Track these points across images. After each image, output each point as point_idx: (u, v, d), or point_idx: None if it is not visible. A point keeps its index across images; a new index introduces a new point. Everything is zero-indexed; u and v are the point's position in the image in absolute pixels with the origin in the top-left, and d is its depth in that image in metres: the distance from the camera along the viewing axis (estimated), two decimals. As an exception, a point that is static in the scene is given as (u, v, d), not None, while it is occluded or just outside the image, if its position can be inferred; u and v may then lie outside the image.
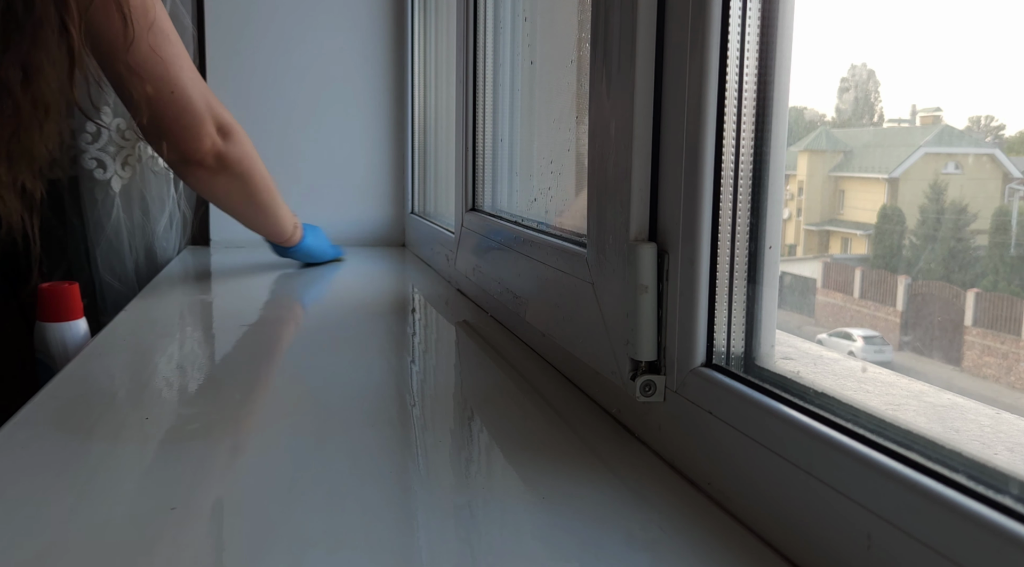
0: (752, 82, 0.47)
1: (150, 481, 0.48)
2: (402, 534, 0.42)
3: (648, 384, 0.52)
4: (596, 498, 0.46)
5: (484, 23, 0.99)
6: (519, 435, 0.57)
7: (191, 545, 0.41)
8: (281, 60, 1.55)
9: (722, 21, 0.46)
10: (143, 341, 0.85)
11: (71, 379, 0.70)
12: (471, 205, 1.02)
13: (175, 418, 0.60)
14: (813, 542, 0.38)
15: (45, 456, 0.52)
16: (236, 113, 1.07)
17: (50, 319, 0.93)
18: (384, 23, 1.60)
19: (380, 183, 1.64)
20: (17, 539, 0.41)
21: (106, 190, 1.35)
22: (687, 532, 0.42)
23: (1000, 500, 0.29)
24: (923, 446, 0.34)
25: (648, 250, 0.51)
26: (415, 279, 1.28)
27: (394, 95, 1.62)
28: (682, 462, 0.50)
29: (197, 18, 1.49)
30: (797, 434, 0.39)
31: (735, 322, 0.49)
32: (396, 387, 0.69)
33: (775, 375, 0.46)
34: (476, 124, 1.00)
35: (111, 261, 1.36)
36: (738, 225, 0.48)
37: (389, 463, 0.52)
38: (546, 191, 0.83)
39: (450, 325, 0.96)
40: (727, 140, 0.47)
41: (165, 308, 1.03)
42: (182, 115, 0.98)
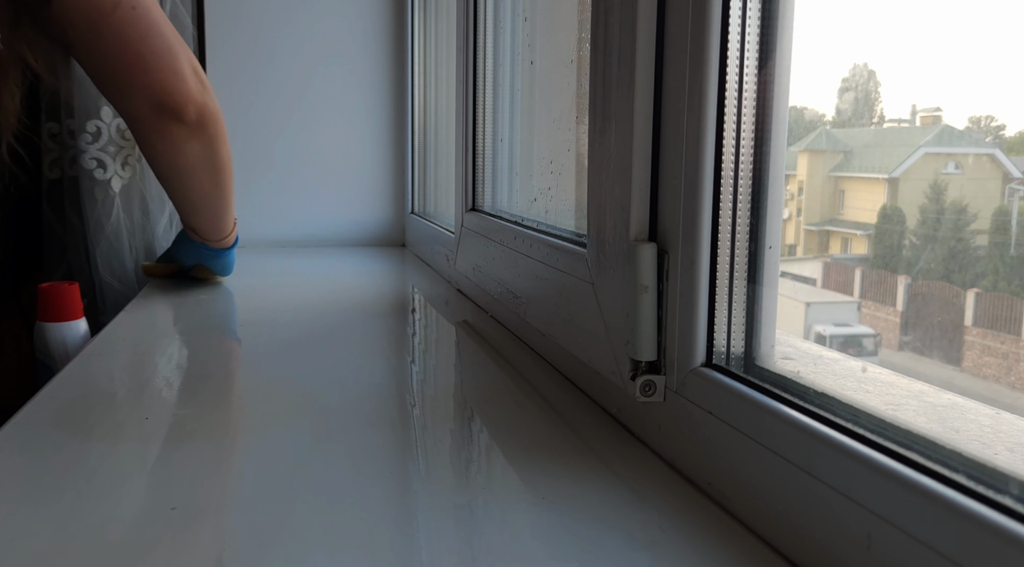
0: (752, 82, 0.47)
1: (150, 481, 0.48)
2: (402, 534, 0.42)
3: (648, 384, 0.52)
4: (596, 498, 0.46)
5: (484, 23, 0.99)
6: (519, 435, 0.57)
7: (191, 545, 0.41)
8: (281, 60, 1.56)
9: (722, 21, 0.46)
10: (143, 341, 0.85)
11: (71, 379, 0.70)
12: (471, 205, 1.02)
13: (175, 418, 0.60)
14: (813, 542, 0.38)
15: (45, 456, 0.52)
16: (236, 113, 1.06)
17: (50, 319, 0.93)
18: (384, 23, 1.60)
19: (380, 183, 1.64)
20: (17, 539, 0.41)
21: (106, 190, 1.35)
22: (687, 532, 0.42)
23: (1000, 500, 0.29)
24: (923, 446, 0.34)
25: (648, 250, 0.51)
26: (415, 279, 1.28)
27: (394, 95, 1.62)
28: (682, 462, 0.50)
29: (197, 18, 1.49)
30: (797, 434, 0.39)
31: (735, 322, 0.49)
32: (396, 387, 0.69)
33: (775, 375, 0.46)
34: (476, 124, 1.00)
35: (111, 261, 1.36)
36: (738, 225, 0.48)
37: (389, 463, 0.52)
38: (546, 191, 0.83)
39: (450, 325, 0.96)
40: (727, 140, 0.47)
41: (165, 308, 1.03)
42: (153, 39, 0.80)
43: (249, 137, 1.55)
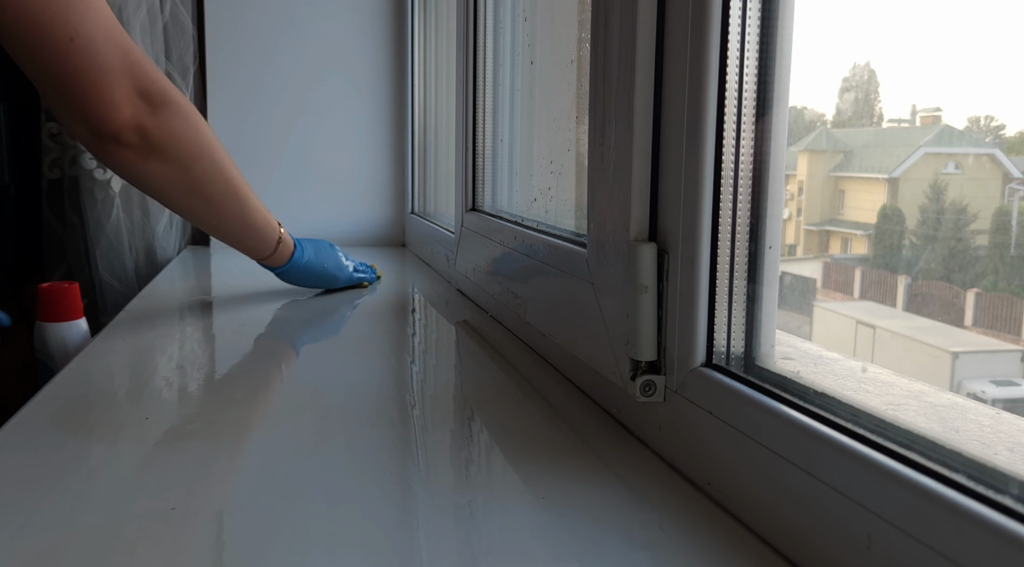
0: (752, 82, 0.47)
1: (150, 481, 0.48)
2: (402, 534, 0.42)
3: (648, 384, 0.52)
4: (596, 498, 0.46)
5: (484, 23, 0.99)
6: (519, 435, 0.57)
7: (191, 545, 0.41)
8: (281, 60, 1.56)
9: (722, 21, 0.46)
10: (143, 341, 0.85)
11: (71, 379, 0.70)
12: (471, 205, 1.02)
13: (175, 418, 0.60)
14: (813, 542, 0.38)
15: (45, 456, 0.52)
16: (236, 114, 1.04)
17: (50, 319, 0.93)
18: (384, 23, 1.60)
19: (380, 183, 1.64)
20: (17, 539, 0.41)
21: (106, 190, 1.35)
22: (687, 532, 0.42)
23: (1000, 500, 0.29)
24: (923, 446, 0.34)
25: (648, 250, 0.51)
26: (415, 279, 1.28)
27: (394, 95, 1.62)
28: (682, 462, 0.50)
29: (197, 18, 1.49)
30: (797, 434, 0.39)
31: (735, 322, 0.49)
32: (396, 387, 0.69)
33: (775, 375, 0.46)
34: (476, 124, 1.00)
35: (111, 261, 1.36)
36: (738, 225, 0.48)
37: (389, 463, 0.52)
38: (546, 191, 0.83)
39: (450, 325, 0.96)
40: (727, 140, 0.47)
41: (165, 308, 1.03)
42: (86, 71, 0.77)
43: (249, 137, 1.55)
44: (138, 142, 0.81)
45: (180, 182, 0.87)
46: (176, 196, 0.89)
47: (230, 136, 1.53)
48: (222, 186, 0.91)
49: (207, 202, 0.91)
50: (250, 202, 0.95)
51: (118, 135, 0.80)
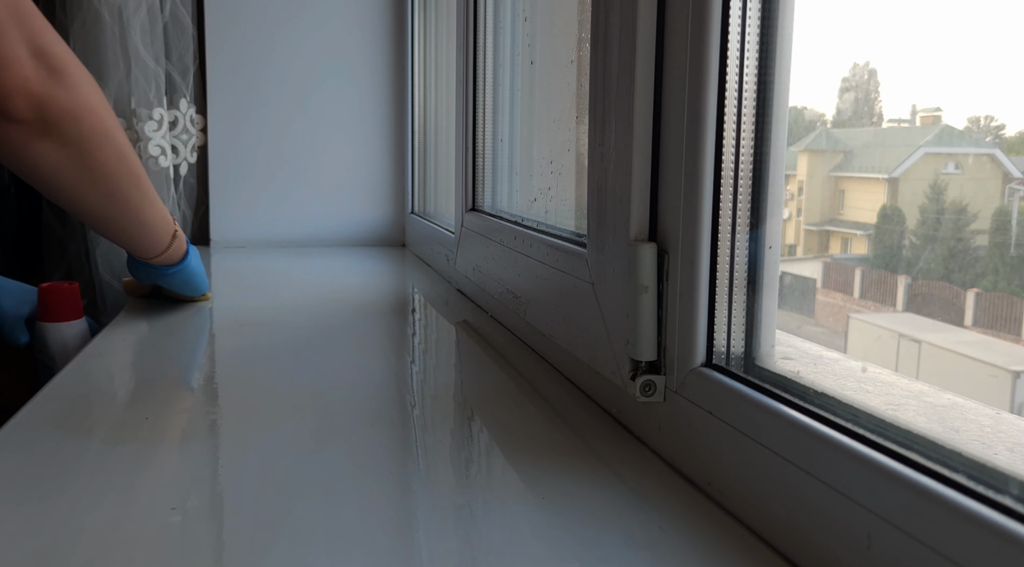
0: (752, 82, 0.47)
1: (150, 481, 0.48)
2: (402, 534, 0.42)
3: (648, 384, 0.52)
4: (596, 498, 0.46)
5: (484, 23, 0.99)
6: (519, 435, 0.57)
7: (191, 545, 0.41)
8: (281, 60, 1.56)
9: (722, 21, 0.46)
10: (143, 341, 0.85)
11: (71, 379, 0.70)
12: (471, 205, 1.02)
13: (175, 418, 0.60)
14: (813, 542, 0.38)
15: (45, 456, 0.52)
16: (236, 114, 1.03)
17: (50, 319, 0.93)
18: (384, 23, 1.60)
19: (380, 183, 1.64)
20: (17, 539, 0.41)
21: (106, 190, 1.35)
22: (687, 532, 0.42)
23: (1000, 500, 0.29)
24: (923, 446, 0.34)
25: (648, 250, 0.51)
26: (415, 279, 1.28)
27: (394, 95, 1.62)
28: (682, 462, 0.50)
29: (197, 18, 1.49)
30: (797, 434, 0.39)
31: (735, 322, 0.49)
32: (396, 387, 0.69)
33: (775, 375, 0.46)
34: (476, 124, 1.00)
35: (111, 261, 1.36)
36: (738, 225, 0.48)
37: (389, 463, 0.52)
38: (546, 191, 0.83)
39: (450, 325, 0.96)
40: (727, 140, 0.47)
41: (165, 308, 1.03)
42: None
43: (249, 137, 1.55)
44: (31, 115, 0.65)
45: (78, 166, 0.71)
46: (69, 187, 0.73)
47: (230, 136, 1.53)
48: (125, 176, 0.76)
49: (107, 195, 0.76)
50: (150, 193, 0.81)
51: (7, 102, 0.63)
